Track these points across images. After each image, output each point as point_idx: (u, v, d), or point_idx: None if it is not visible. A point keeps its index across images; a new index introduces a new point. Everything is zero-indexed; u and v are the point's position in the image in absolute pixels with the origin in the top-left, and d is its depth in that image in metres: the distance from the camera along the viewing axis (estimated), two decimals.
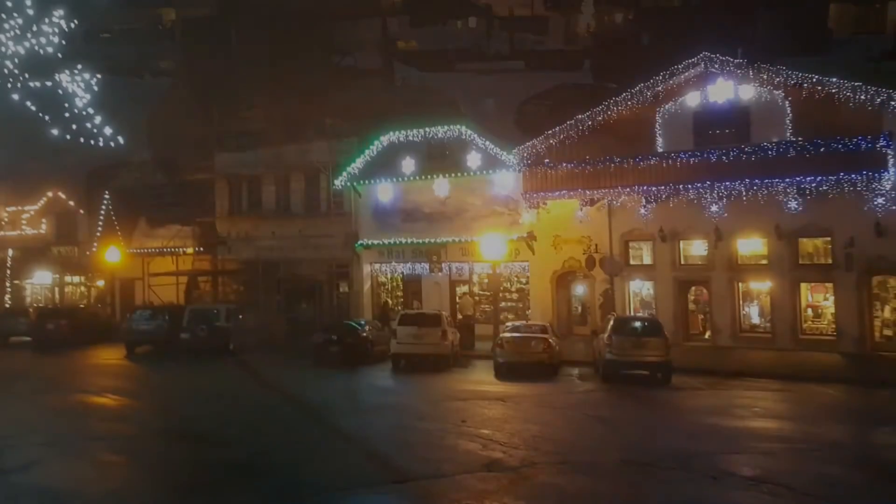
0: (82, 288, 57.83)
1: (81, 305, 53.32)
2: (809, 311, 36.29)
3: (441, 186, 42.75)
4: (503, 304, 41.43)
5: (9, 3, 15.70)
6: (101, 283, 55.23)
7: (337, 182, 45.39)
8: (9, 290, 57.75)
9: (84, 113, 16.94)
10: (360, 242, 45.39)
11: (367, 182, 44.87)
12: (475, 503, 14.74)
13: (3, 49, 15.85)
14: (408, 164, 43.37)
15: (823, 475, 17.01)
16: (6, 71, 16.04)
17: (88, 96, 16.80)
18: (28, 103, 16.56)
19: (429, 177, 43.02)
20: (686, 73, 36.34)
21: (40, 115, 16.84)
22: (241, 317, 40.76)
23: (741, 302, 37.43)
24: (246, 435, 20.72)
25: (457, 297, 43.33)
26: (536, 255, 40.71)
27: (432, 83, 59.72)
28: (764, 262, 36.66)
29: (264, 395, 27.74)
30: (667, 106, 37.03)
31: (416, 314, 35.92)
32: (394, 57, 67.92)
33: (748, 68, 34.91)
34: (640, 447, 19.27)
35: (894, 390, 28.02)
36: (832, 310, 35.45)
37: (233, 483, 16.48)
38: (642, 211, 36.68)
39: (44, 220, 56.73)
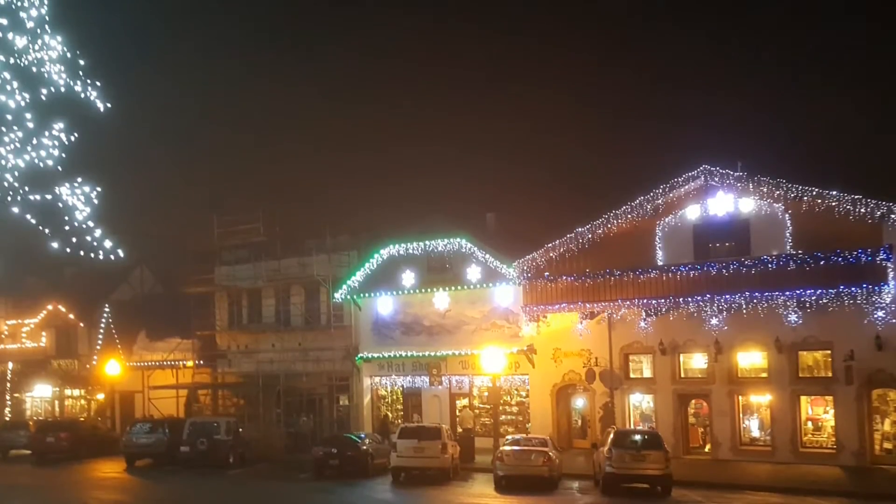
0: (82, 401, 57.52)
1: (81, 418, 52.99)
2: (809, 423, 36.06)
3: (441, 299, 42.88)
4: (503, 417, 41.21)
5: (9, 117, 15.99)
6: (100, 395, 54.95)
7: (337, 295, 45.49)
8: (9, 403, 57.60)
9: (84, 226, 17.11)
10: (360, 355, 45.31)
11: (367, 295, 45.00)
12: None
13: (3, 162, 16.11)
14: (408, 277, 43.56)
15: None
16: (6, 184, 16.27)
17: (88, 209, 16.99)
18: (28, 216, 16.76)
19: (429, 290, 43.16)
20: (686, 186, 36.67)
21: (40, 228, 17.03)
22: (240, 430, 40.68)
23: (741, 415, 37.17)
24: None
25: (457, 410, 43.07)
26: (536, 368, 40.62)
27: None
28: (764, 375, 36.50)
29: None
30: (667, 219, 37.24)
31: (416, 427, 35.69)
32: None
33: (748, 181, 35.23)
34: None
35: None
36: (832, 423, 35.21)
37: None
38: (642, 324, 36.78)
39: (44, 333, 56.77)
